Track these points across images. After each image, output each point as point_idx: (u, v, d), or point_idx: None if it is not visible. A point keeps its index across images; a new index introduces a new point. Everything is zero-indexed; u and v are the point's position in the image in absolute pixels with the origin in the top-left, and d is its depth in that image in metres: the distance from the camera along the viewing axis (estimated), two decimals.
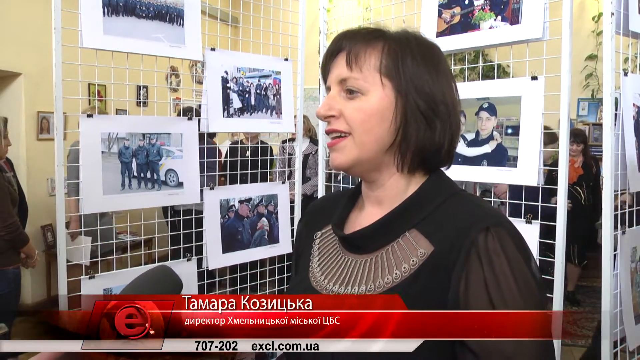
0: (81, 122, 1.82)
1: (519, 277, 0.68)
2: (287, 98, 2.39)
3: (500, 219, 0.72)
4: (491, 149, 1.80)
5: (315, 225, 0.91)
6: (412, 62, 0.75)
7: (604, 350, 1.61)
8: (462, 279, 0.68)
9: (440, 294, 0.69)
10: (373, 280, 0.75)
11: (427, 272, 0.71)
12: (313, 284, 0.82)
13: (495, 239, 0.69)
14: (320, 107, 0.78)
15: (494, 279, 0.67)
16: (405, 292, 0.70)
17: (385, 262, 0.75)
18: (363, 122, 0.75)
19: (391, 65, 0.75)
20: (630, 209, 1.78)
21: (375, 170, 0.78)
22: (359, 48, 0.76)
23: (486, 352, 0.66)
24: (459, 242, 0.70)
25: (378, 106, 0.75)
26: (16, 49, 4.12)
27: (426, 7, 1.97)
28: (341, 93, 0.77)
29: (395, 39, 0.77)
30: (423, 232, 0.74)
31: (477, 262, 0.68)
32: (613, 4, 1.57)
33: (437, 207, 0.76)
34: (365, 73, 0.75)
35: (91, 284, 1.86)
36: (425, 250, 0.73)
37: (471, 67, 2.26)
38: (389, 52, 0.76)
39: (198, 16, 2.07)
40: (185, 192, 2.07)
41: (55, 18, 1.72)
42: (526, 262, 0.70)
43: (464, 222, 0.72)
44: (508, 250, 0.69)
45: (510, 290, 0.67)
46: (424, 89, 0.75)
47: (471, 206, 0.76)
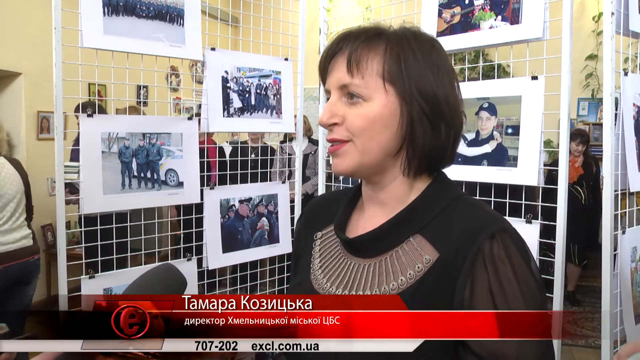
0: (81, 122, 1.82)
1: (523, 282, 0.68)
2: (287, 98, 2.39)
3: (504, 225, 0.72)
4: (491, 149, 1.80)
5: (315, 225, 0.90)
6: (414, 62, 0.73)
7: (603, 350, 1.61)
8: (468, 285, 0.68)
9: (445, 300, 0.69)
10: (378, 286, 0.74)
11: (432, 279, 0.71)
12: (315, 286, 0.81)
13: (500, 245, 0.69)
14: (322, 114, 0.76)
15: (498, 285, 0.68)
16: (412, 299, 0.70)
17: (390, 267, 0.75)
18: (365, 129, 0.73)
19: (394, 70, 0.73)
20: (631, 208, 1.78)
21: (379, 173, 0.77)
22: (360, 52, 0.73)
23: (489, 354, 0.66)
24: (465, 249, 0.70)
25: (381, 113, 0.73)
26: (16, 49, 4.12)
27: (426, 7, 1.97)
28: (342, 98, 0.75)
29: (396, 40, 0.75)
30: (428, 238, 0.74)
31: (482, 269, 0.68)
32: (613, 4, 1.57)
33: (440, 211, 0.76)
34: (367, 79, 0.73)
35: (91, 284, 1.86)
36: (430, 257, 0.72)
37: (471, 67, 2.26)
38: (391, 55, 0.73)
39: (198, 16, 2.07)
40: (185, 192, 2.06)
41: (55, 18, 1.72)
42: (528, 266, 0.70)
43: (468, 228, 0.72)
44: (512, 257, 0.69)
45: (514, 296, 0.67)
46: (427, 91, 0.73)
47: (475, 211, 0.76)
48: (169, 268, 0.68)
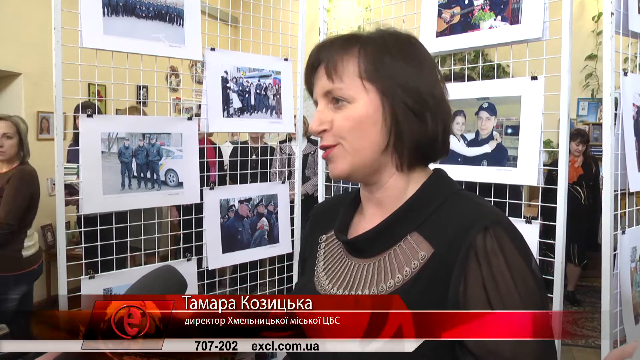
0: (81, 122, 1.82)
1: (517, 276, 0.67)
2: (287, 98, 2.39)
3: (499, 218, 0.72)
4: (491, 149, 1.80)
5: (320, 228, 0.91)
6: (391, 60, 0.75)
7: (603, 350, 1.61)
8: (461, 280, 0.68)
9: (440, 294, 0.69)
10: (376, 285, 0.75)
11: (427, 274, 0.71)
12: (317, 287, 0.82)
13: (493, 238, 0.69)
14: (312, 123, 0.78)
15: (491, 278, 0.67)
16: (407, 295, 0.70)
17: (388, 266, 0.75)
18: (353, 129, 0.75)
19: (370, 68, 0.75)
20: (630, 209, 1.78)
21: (375, 172, 0.78)
22: (336, 57, 0.76)
23: (485, 354, 0.66)
24: (458, 243, 0.70)
25: (366, 112, 0.74)
26: (16, 49, 4.13)
27: (426, 7, 1.97)
28: (329, 105, 0.77)
29: (370, 41, 0.77)
30: (424, 235, 0.74)
31: (475, 263, 0.68)
32: (613, 4, 1.57)
33: (437, 207, 0.76)
34: (346, 81, 0.75)
35: (91, 284, 1.86)
36: (425, 253, 0.73)
37: (471, 67, 2.26)
38: (365, 55, 0.75)
39: (198, 16, 2.07)
40: (185, 192, 2.07)
41: (55, 18, 1.72)
42: (525, 261, 0.69)
43: (462, 222, 0.72)
44: (506, 250, 0.69)
45: (507, 290, 0.67)
46: (408, 85, 0.74)
47: (470, 205, 0.76)
48: (169, 269, 0.68)
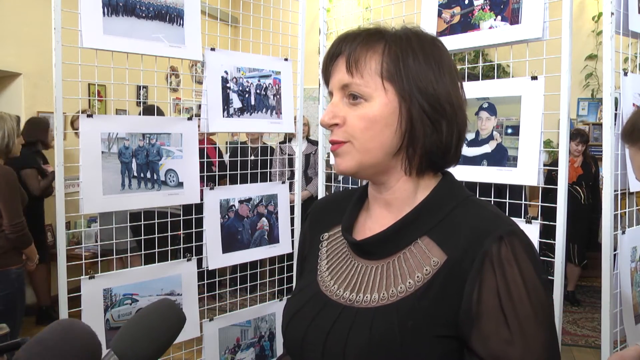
0: (81, 122, 1.82)
1: (530, 284, 0.68)
2: (287, 98, 2.39)
3: (513, 228, 0.71)
4: (491, 149, 1.80)
5: (321, 226, 0.90)
6: (414, 62, 0.73)
7: (603, 350, 1.61)
8: (476, 288, 0.68)
9: (452, 302, 0.69)
10: (386, 289, 0.74)
11: (440, 281, 0.70)
12: (322, 288, 0.80)
13: (508, 248, 0.68)
14: (324, 115, 0.76)
15: (505, 286, 0.67)
16: (419, 301, 0.70)
17: (398, 270, 0.74)
18: (366, 129, 0.73)
19: (393, 68, 0.73)
20: (630, 208, 1.78)
21: (382, 173, 0.77)
22: (358, 52, 0.74)
23: (492, 358, 0.66)
24: (473, 251, 0.69)
25: (381, 112, 0.73)
26: (16, 49, 4.13)
27: (426, 7, 1.97)
28: (344, 99, 0.75)
29: (395, 40, 0.74)
30: (435, 240, 0.73)
31: (490, 271, 0.68)
32: (613, 4, 1.57)
33: (448, 213, 0.75)
34: (366, 78, 0.73)
35: (91, 284, 1.86)
36: (438, 259, 0.72)
37: (471, 67, 2.26)
38: (389, 54, 0.73)
39: (198, 16, 2.07)
40: (185, 192, 2.07)
41: (55, 18, 1.72)
42: (536, 270, 0.69)
43: (476, 230, 0.71)
44: (520, 259, 0.68)
45: (520, 298, 0.67)
46: (428, 90, 0.73)
47: (483, 213, 0.75)
48: (169, 304, 0.68)
